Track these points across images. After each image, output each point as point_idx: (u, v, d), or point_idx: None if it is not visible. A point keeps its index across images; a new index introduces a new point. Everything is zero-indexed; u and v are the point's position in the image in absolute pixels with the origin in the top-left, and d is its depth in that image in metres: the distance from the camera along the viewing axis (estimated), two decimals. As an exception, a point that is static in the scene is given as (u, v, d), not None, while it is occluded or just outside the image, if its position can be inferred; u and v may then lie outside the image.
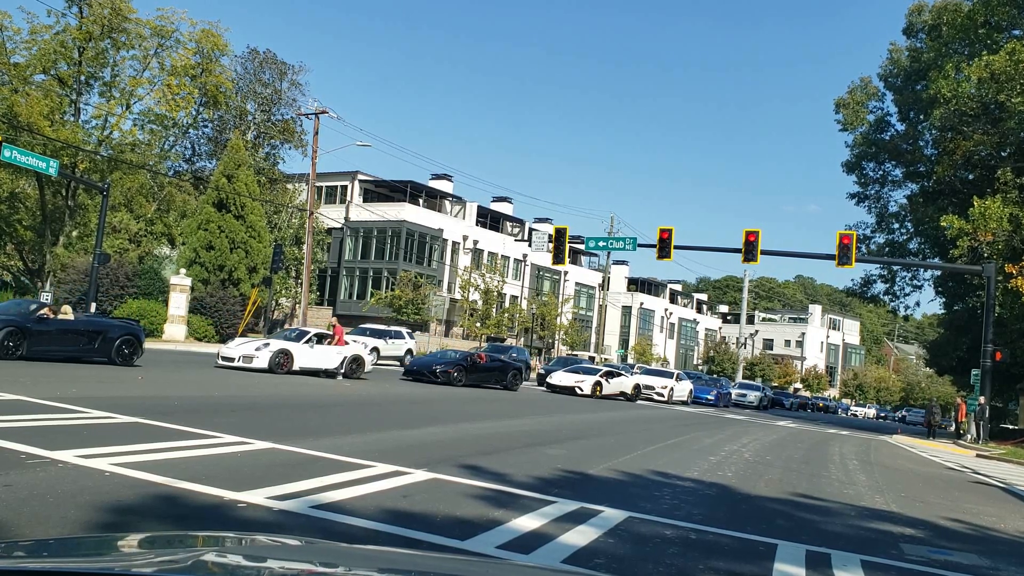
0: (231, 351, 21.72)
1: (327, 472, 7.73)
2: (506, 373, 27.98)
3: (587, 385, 30.26)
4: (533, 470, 9.50)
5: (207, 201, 43.73)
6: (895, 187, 42.54)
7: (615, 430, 17.54)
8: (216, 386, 16.38)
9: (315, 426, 11.52)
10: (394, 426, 12.72)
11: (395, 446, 10.23)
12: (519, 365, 29.96)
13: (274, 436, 9.60)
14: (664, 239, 35.38)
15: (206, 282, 41.50)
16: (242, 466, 7.69)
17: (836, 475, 13.77)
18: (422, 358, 29.16)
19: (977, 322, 37.56)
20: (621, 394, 31.85)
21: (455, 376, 25.55)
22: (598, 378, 31.04)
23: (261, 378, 19.50)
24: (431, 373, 25.51)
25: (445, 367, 25.70)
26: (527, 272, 72.14)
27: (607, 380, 31.33)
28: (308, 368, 22.40)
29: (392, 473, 8.08)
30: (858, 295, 43.39)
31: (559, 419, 18.75)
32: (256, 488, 6.54)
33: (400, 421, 13.73)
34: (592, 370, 32.26)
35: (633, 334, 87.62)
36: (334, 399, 16.74)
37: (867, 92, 43.02)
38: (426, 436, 11.80)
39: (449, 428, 13.62)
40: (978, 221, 31.02)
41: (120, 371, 17.04)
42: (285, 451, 8.76)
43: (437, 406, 18.07)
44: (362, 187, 64.65)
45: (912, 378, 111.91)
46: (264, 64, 61.41)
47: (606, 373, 31.98)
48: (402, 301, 47.79)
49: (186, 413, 11.03)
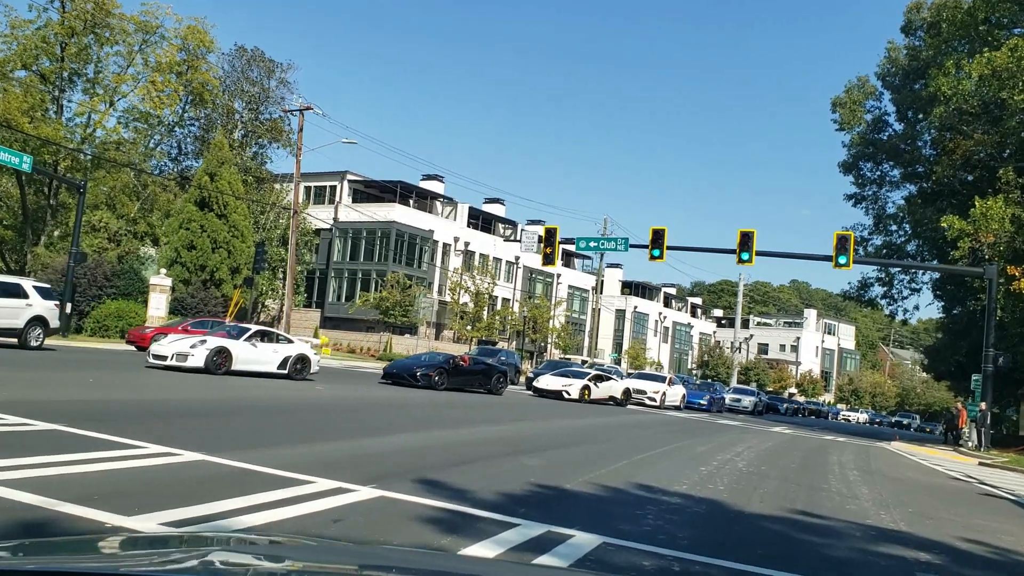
0: (163, 348, 19.51)
1: (256, 489, 6.69)
2: (490, 377, 26.92)
3: (575, 389, 29.15)
4: (502, 484, 8.46)
5: (189, 200, 42.63)
6: (893, 188, 41.66)
7: (602, 437, 16.49)
8: (158, 389, 15.30)
9: (261, 435, 10.46)
10: (356, 434, 11.66)
11: (349, 457, 9.17)
12: (504, 369, 28.88)
13: (208, 446, 8.54)
14: (656, 239, 34.43)
15: (187, 282, 40.40)
16: (156, 482, 6.65)
17: (837, 487, 12.76)
18: (402, 361, 28.04)
19: (977, 326, 36.63)
20: (610, 398, 30.79)
21: (436, 380, 24.47)
22: (586, 382, 29.92)
23: (207, 380, 18.01)
24: (411, 376, 24.37)
25: (426, 370, 24.59)
26: (519, 275, 71.15)
27: (596, 384, 30.25)
28: (250, 369, 20.40)
29: (333, 491, 7.03)
30: (855, 298, 42.41)
31: (543, 425, 17.71)
32: (156, 511, 5.50)
33: (365, 428, 12.68)
34: (580, 373, 31.17)
35: (627, 338, 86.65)
36: (294, 404, 15.62)
37: (864, 91, 42.11)
38: (390, 445, 10.75)
39: (420, 436, 12.58)
40: (979, 222, 30.09)
41: (67, 374, 16.01)
42: (215, 464, 7.70)
43: (411, 411, 17.01)
44: (351, 187, 63.61)
45: (908, 383, 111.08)
46: (252, 62, 60.34)
47: (595, 377, 30.89)
48: (389, 303, 46.66)
49: (116, 419, 9.96)
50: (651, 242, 34.60)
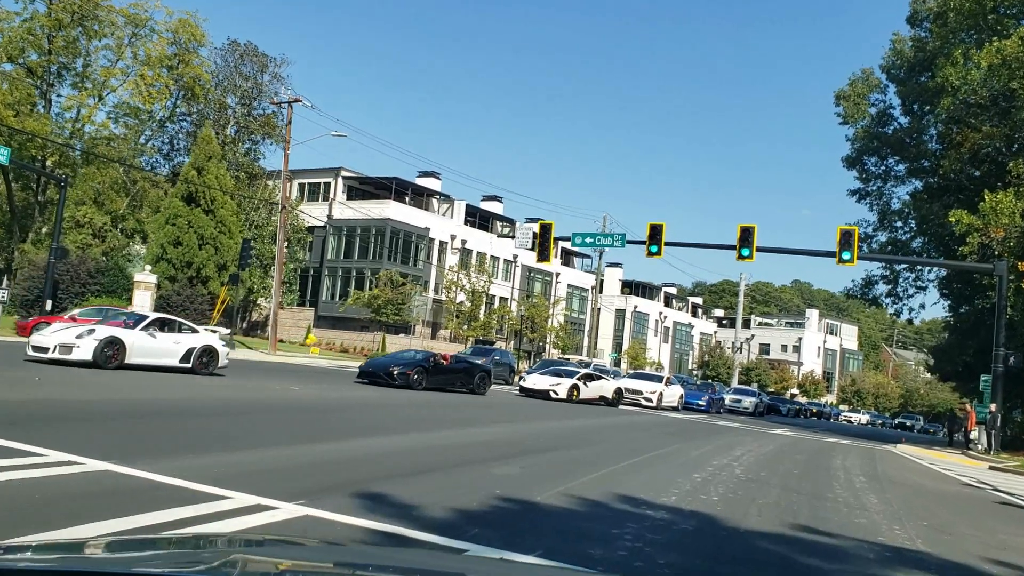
0: (45, 339, 17.20)
1: (161, 506, 5.62)
2: (472, 376, 25.61)
3: (562, 389, 27.89)
4: (461, 498, 7.37)
5: (176, 195, 41.58)
6: (898, 183, 40.51)
7: (589, 440, 15.40)
8: (40, 388, 14.20)
9: (192, 440, 9.31)
10: (305, 439, 10.49)
11: (287, 467, 8.07)
12: (488, 368, 27.57)
13: (120, 454, 7.43)
14: (654, 234, 33.35)
15: (173, 279, 39.35)
16: (37, 497, 5.57)
17: (843, 496, 11.66)
18: (379, 359, 26.76)
19: (985, 325, 35.49)
20: (601, 398, 29.58)
21: (414, 379, 23.19)
22: (575, 381, 28.62)
23: (97, 376, 15.83)
24: (387, 375, 23.04)
25: (403, 369, 23.26)
26: (518, 273, 70.04)
27: (585, 383, 28.99)
28: (148, 362, 18.05)
29: (250, 508, 5.95)
30: (859, 297, 41.24)
31: (524, 428, 16.58)
32: (12, 536, 4.41)
33: (318, 432, 11.52)
34: (569, 372, 29.91)
35: (627, 338, 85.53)
36: (244, 405, 14.46)
37: (869, 84, 40.97)
38: (341, 452, 9.65)
39: (381, 440, 11.47)
40: (989, 216, 28.96)
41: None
42: (120, 475, 6.61)
43: (380, 413, 15.87)
44: (346, 184, 62.48)
45: (911, 384, 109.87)
46: (244, 56, 59.26)
47: (584, 376, 29.65)
48: (380, 301, 45.53)
49: (30, 422, 8.89)
50: (648, 238, 33.53)
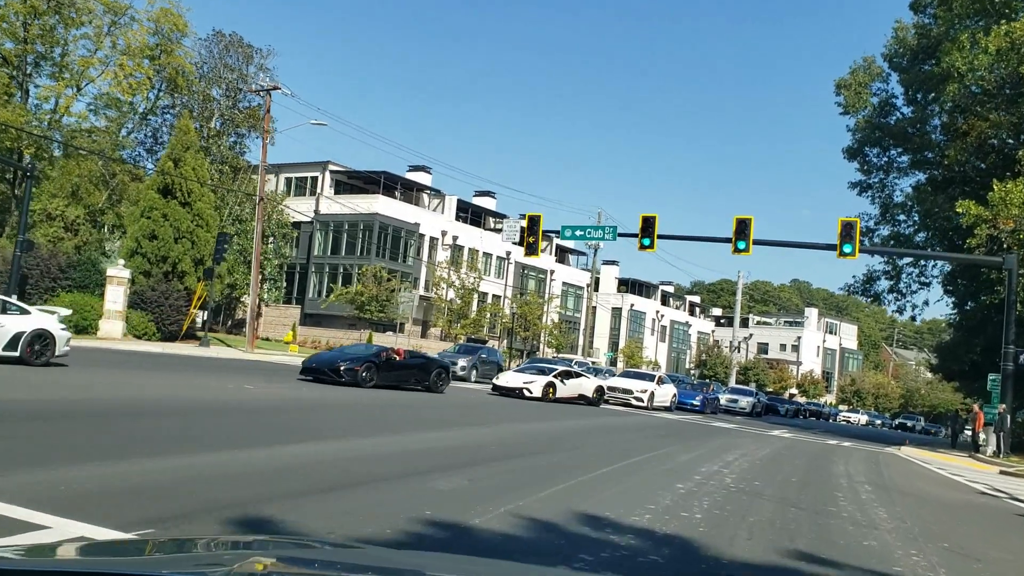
0: None
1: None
2: (429, 372, 23.63)
3: (537, 387, 26.11)
4: (375, 523, 5.87)
5: (151, 187, 40.03)
6: (901, 175, 38.98)
7: (562, 445, 13.89)
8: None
9: (25, 449, 7.76)
10: (204, 447, 8.85)
11: (148, 485, 6.51)
12: (446, 363, 25.59)
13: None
14: (647, 227, 31.87)
15: (148, 274, 37.83)
16: None
17: (848, 510, 10.17)
18: (324, 354, 24.92)
19: (992, 322, 34.04)
20: (580, 397, 27.84)
21: (363, 375, 21.38)
22: (551, 379, 26.81)
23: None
24: (333, 372, 21.23)
25: (351, 364, 21.42)
26: (511, 271, 68.51)
27: (562, 381, 27.21)
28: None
29: (66, 542, 4.44)
30: (860, 293, 39.74)
31: (490, 431, 14.99)
32: None
33: (226, 439, 9.85)
34: (546, 369, 28.22)
35: (623, 336, 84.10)
36: (102, 406, 12.72)
37: (870, 72, 39.47)
38: (245, 463, 8.10)
39: (311, 448, 9.89)
40: (998, 207, 27.51)
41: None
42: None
43: (320, 414, 14.24)
44: (333, 178, 61.02)
45: (912, 384, 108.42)
46: (229, 48, 57.73)
47: (561, 373, 27.85)
48: (364, 298, 43.99)
49: None
50: (641, 231, 32.05)
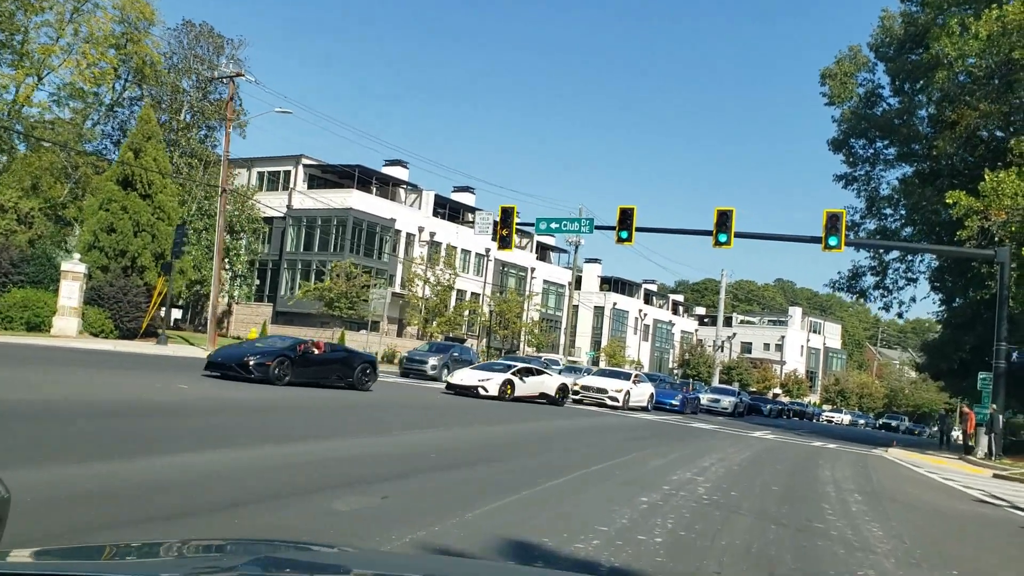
0: None
1: None
2: (352, 368, 21.50)
3: (493, 385, 24.26)
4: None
5: (110, 178, 38.33)
6: (887, 167, 37.84)
7: (516, 452, 12.45)
8: None
9: None
10: (76, 456, 7.48)
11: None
12: (371, 358, 23.30)
13: None
14: (624, 219, 30.54)
15: (106, 269, 36.14)
16: None
17: (838, 527, 8.81)
18: (233, 347, 22.78)
19: (982, 319, 32.93)
20: (542, 396, 26.09)
21: (276, 371, 19.41)
22: (509, 376, 24.99)
23: None
24: (241, 367, 19.19)
25: (261, 359, 19.42)
26: (490, 268, 67.08)
27: (521, 379, 25.43)
28: None
29: None
30: (845, 289, 38.59)
31: (429, 437, 13.36)
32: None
33: (94, 448, 8.50)
34: (506, 366, 26.57)
35: (605, 335, 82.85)
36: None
37: (856, 62, 38.31)
38: (104, 476, 6.65)
39: (190, 459, 8.39)
40: (990, 197, 26.31)
41: None
42: None
43: (219, 417, 12.57)
44: (307, 172, 59.36)
45: (896, 384, 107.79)
46: (200, 38, 56.07)
47: (521, 370, 26.07)
48: (333, 294, 42.40)
49: None
50: (618, 223, 30.74)
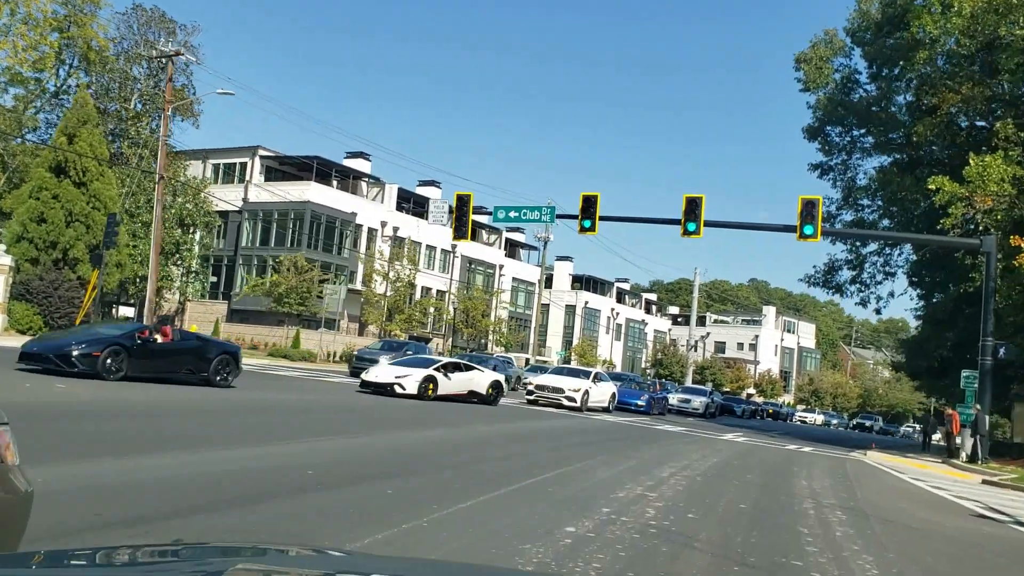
0: None
1: None
2: (207, 360, 17.86)
3: (411, 382, 21.51)
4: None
5: (41, 165, 35.79)
6: (865, 155, 36.20)
7: (431, 464, 10.32)
8: None
9: None
10: None
11: None
12: (233, 348, 19.71)
13: None
14: (587, 207, 28.57)
15: (35, 262, 33.63)
16: None
17: (820, 563, 6.82)
18: (54, 336, 19.18)
19: (964, 314, 31.37)
20: (472, 394, 23.45)
21: (107, 363, 15.89)
22: (431, 372, 22.20)
23: None
24: (62, 359, 15.63)
25: (87, 349, 15.84)
26: (457, 264, 64.93)
27: (446, 375, 22.74)
28: None
29: None
30: (821, 284, 36.89)
31: (317, 447, 10.92)
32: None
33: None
34: (429, 361, 23.97)
35: (577, 335, 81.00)
36: None
37: (832, 47, 36.67)
38: None
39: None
40: (975, 183, 24.63)
41: None
42: None
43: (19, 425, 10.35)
44: (264, 164, 56.84)
45: (870, 384, 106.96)
46: (150, 22, 53.43)
47: (446, 366, 23.49)
48: (282, 289, 40.02)
49: None
50: (581, 211, 28.75)
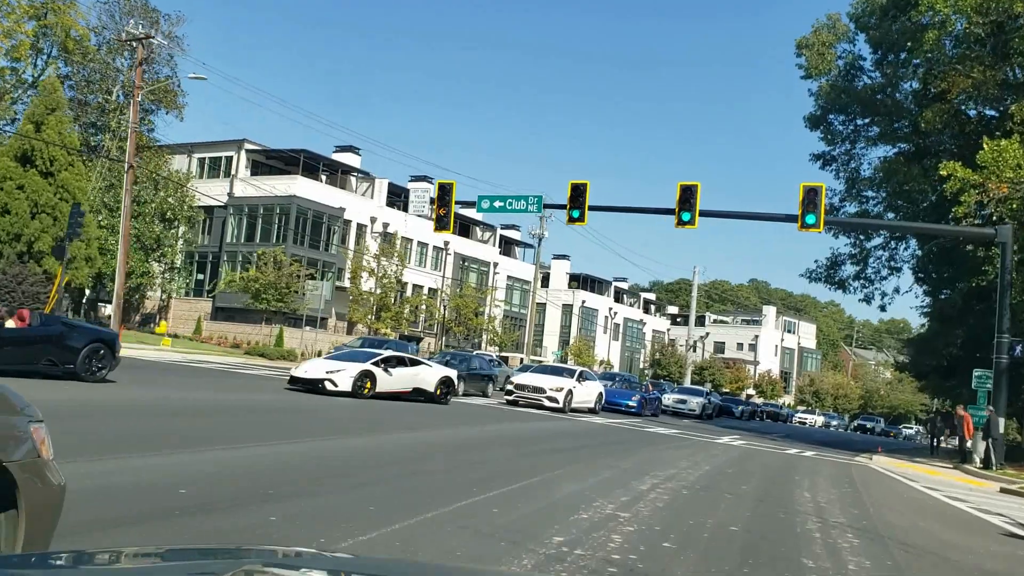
0: None
1: None
2: (74, 350, 14.92)
3: (344, 377, 19.28)
4: None
5: (6, 154, 34.22)
6: (869, 145, 34.49)
7: (351, 480, 8.68)
8: None
9: None
10: None
11: None
12: (108, 335, 16.59)
13: None
14: (576, 196, 26.95)
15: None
16: None
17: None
18: None
19: (974, 311, 29.71)
20: (417, 392, 21.18)
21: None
22: (367, 367, 19.85)
23: None
24: None
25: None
26: (450, 261, 63.31)
27: (386, 370, 20.36)
28: None
29: None
30: (823, 280, 35.15)
31: (209, 458, 9.11)
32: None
33: None
34: (367, 355, 21.55)
35: (574, 334, 79.39)
36: None
37: (835, 32, 34.99)
38: None
39: None
40: (990, 169, 23.00)
41: None
42: None
43: None
44: (250, 158, 55.22)
45: (871, 385, 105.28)
46: (132, 12, 51.80)
47: (387, 360, 20.93)
48: (259, 285, 38.32)
49: None
50: (569, 200, 27.16)
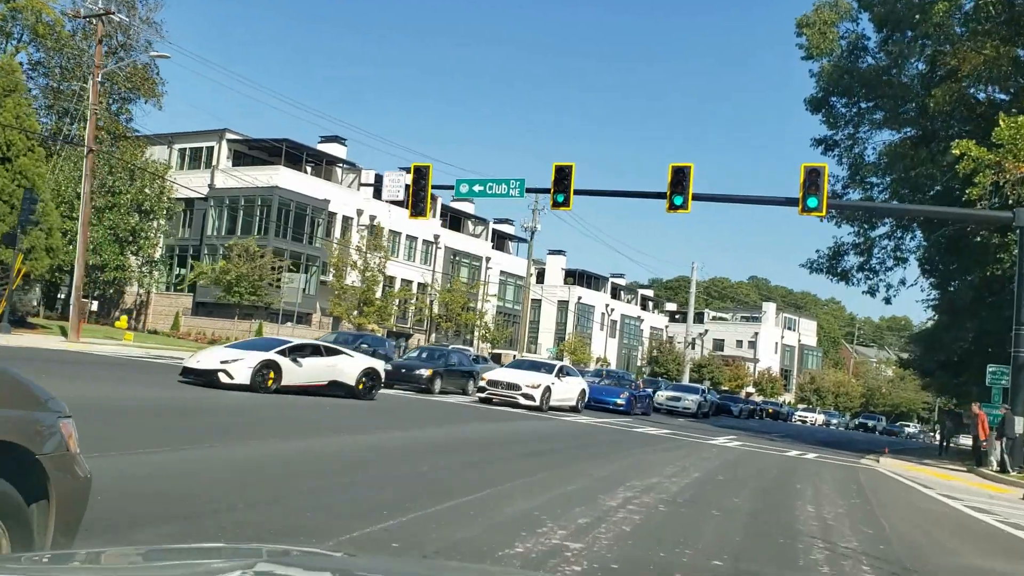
0: None
1: None
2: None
3: (242, 368, 16.60)
4: None
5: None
6: (873, 128, 32.67)
7: (219, 503, 6.91)
8: None
9: None
10: None
11: None
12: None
13: None
14: (561, 179, 25.12)
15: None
16: None
17: None
18: None
19: (985, 304, 27.93)
20: (334, 386, 18.63)
21: None
22: (271, 356, 17.21)
23: None
24: None
25: None
26: (440, 256, 61.51)
27: (295, 361, 17.71)
28: None
29: None
30: (825, 271, 33.34)
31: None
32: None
33: None
34: (269, 343, 19.15)
35: (570, 331, 77.64)
36: None
37: (838, 10, 33.16)
38: None
39: None
40: (1007, 147, 21.22)
41: None
42: None
43: None
44: (231, 148, 53.43)
45: (873, 383, 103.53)
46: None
47: (296, 348, 18.37)
48: (231, 277, 36.48)
49: None
50: (553, 184, 25.30)
